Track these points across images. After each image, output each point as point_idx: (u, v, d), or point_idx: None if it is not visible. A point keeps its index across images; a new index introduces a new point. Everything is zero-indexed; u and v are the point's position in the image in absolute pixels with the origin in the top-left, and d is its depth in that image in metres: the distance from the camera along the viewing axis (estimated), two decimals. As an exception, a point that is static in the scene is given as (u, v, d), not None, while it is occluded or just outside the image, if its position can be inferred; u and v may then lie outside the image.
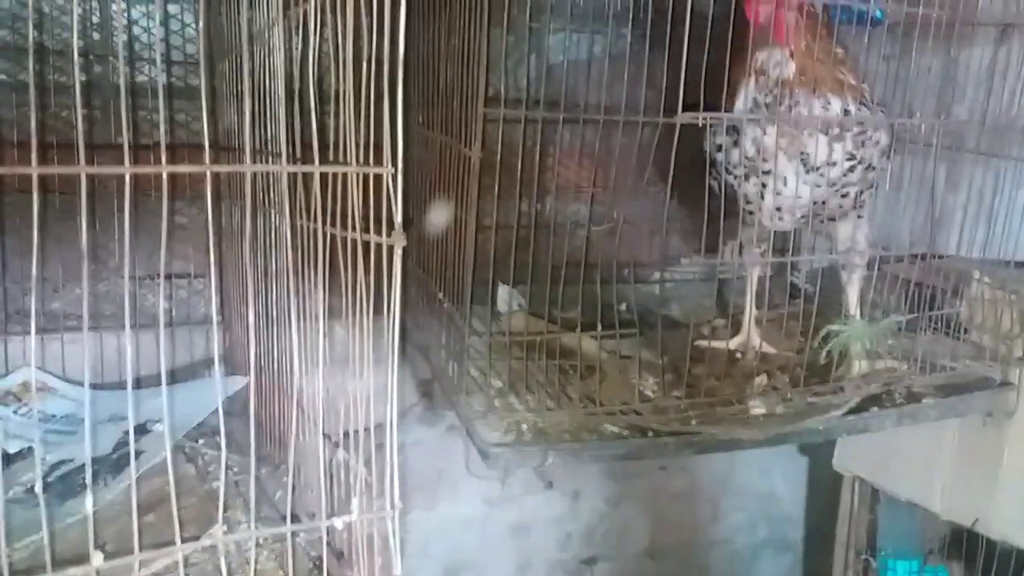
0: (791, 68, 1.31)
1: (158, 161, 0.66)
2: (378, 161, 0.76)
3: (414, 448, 1.82)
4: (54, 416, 1.30)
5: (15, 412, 1.32)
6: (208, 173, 0.67)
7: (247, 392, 1.26)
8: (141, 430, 1.19)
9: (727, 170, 1.41)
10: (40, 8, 1.36)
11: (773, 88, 1.31)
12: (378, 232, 0.77)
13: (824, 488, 2.05)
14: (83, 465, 1.13)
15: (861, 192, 1.42)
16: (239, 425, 1.06)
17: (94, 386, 1.31)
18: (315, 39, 0.81)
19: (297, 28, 0.87)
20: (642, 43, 1.38)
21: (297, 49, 0.86)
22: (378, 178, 0.77)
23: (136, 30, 1.47)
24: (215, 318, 0.74)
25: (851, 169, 1.37)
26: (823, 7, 1.34)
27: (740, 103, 1.36)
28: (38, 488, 0.94)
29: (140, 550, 0.71)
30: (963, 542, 1.73)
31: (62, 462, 1.17)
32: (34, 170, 0.62)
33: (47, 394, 1.34)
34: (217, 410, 1.18)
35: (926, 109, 1.43)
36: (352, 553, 0.86)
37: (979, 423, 1.55)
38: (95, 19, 1.40)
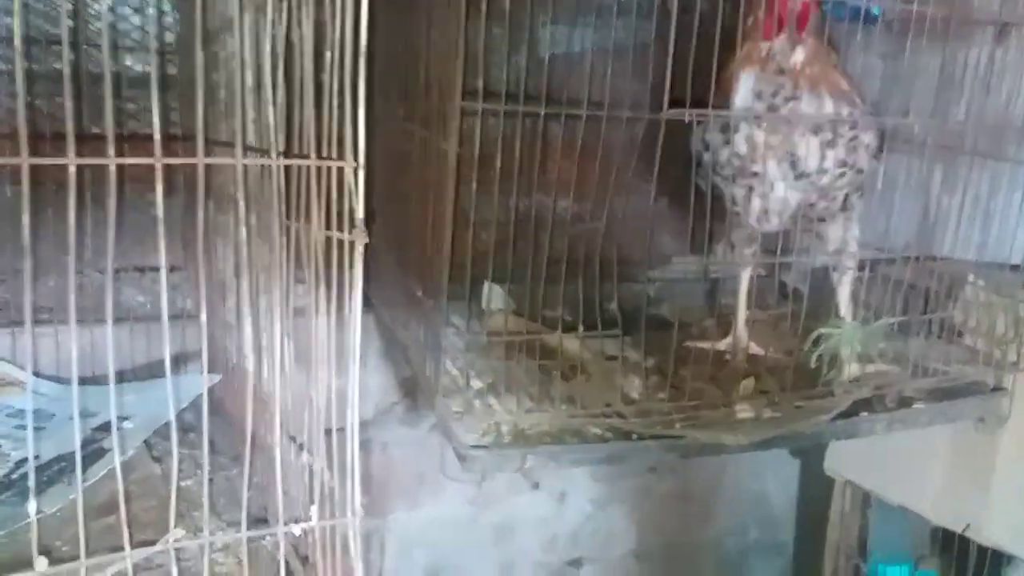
0: (799, 56, 1.28)
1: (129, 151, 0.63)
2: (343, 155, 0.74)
3: (396, 448, 1.80)
4: (22, 411, 1.28)
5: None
6: (158, 166, 0.64)
7: (219, 390, 1.24)
8: (110, 427, 1.17)
9: (714, 171, 1.38)
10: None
11: (777, 75, 1.28)
12: (341, 228, 0.75)
13: (816, 491, 2.03)
14: (49, 462, 1.11)
15: (849, 195, 1.40)
16: (216, 423, 1.04)
17: (65, 381, 1.29)
18: (279, 28, 0.78)
19: (266, 17, 0.84)
20: (632, 36, 1.35)
21: (267, 38, 0.83)
22: (342, 172, 0.74)
23: (114, 17, 1.44)
24: (164, 315, 0.71)
25: (841, 175, 1.35)
26: (818, 4, 1.31)
27: (741, 94, 1.32)
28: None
29: (88, 555, 0.69)
30: (954, 547, 1.71)
31: (28, 459, 1.14)
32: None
33: (16, 388, 1.31)
34: (191, 407, 1.16)
35: (923, 109, 1.39)
36: (315, 559, 0.84)
37: (971, 428, 1.52)
38: (70, 6, 1.38)
